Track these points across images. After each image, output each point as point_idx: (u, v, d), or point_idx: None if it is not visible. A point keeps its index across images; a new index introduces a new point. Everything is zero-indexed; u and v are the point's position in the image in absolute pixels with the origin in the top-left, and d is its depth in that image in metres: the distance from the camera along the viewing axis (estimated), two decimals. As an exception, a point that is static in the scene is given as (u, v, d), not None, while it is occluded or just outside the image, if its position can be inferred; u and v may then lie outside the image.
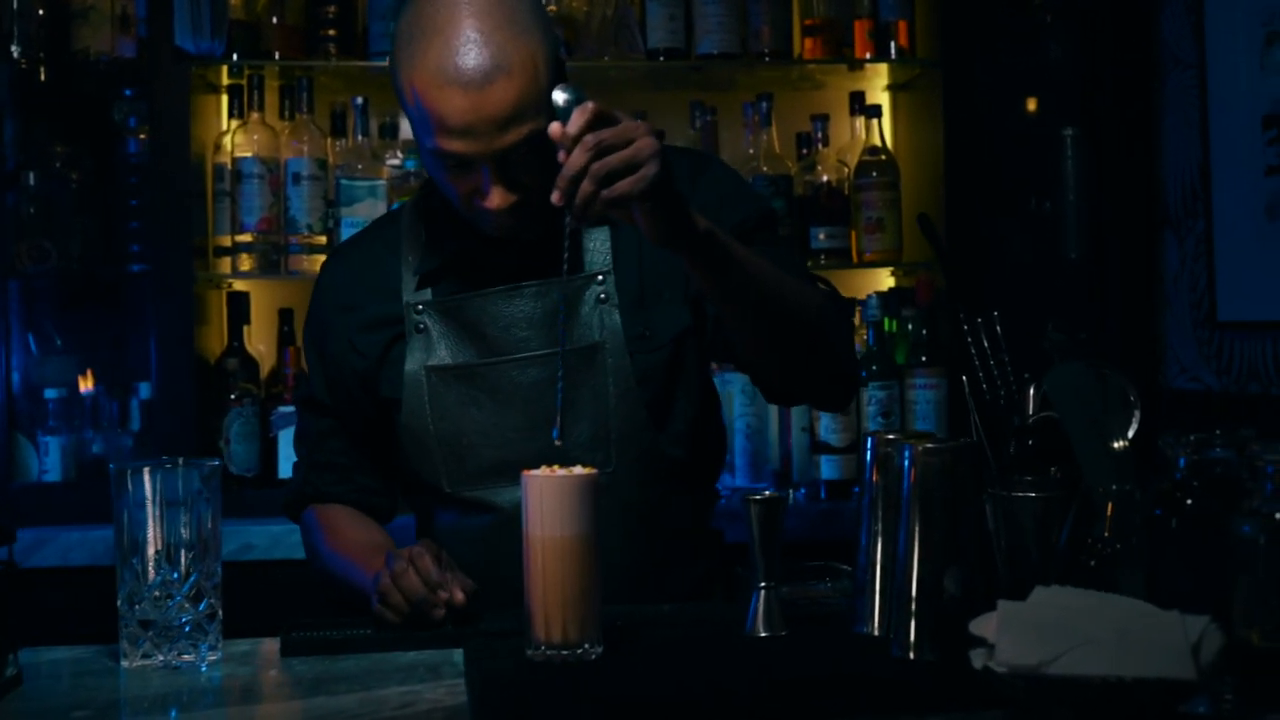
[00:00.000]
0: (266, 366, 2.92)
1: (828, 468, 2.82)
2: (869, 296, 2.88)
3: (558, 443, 1.44)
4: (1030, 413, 1.57)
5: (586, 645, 1.41)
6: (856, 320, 2.97)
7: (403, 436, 1.79)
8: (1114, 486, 1.31)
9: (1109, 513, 1.32)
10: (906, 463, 1.42)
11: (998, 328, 1.53)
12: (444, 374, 1.76)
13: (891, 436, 1.52)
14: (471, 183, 1.66)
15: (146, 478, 1.47)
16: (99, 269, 2.81)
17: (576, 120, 1.43)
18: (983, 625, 1.17)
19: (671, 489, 1.78)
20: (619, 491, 1.73)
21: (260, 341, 2.95)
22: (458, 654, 1.48)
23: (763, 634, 1.50)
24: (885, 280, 3.10)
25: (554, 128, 1.45)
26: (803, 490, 2.87)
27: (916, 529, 1.40)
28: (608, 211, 1.46)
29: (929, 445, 1.41)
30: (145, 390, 2.77)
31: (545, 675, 1.36)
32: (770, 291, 1.62)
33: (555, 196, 1.44)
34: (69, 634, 1.70)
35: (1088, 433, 1.42)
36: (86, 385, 2.77)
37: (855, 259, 3.01)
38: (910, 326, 2.89)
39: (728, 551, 1.89)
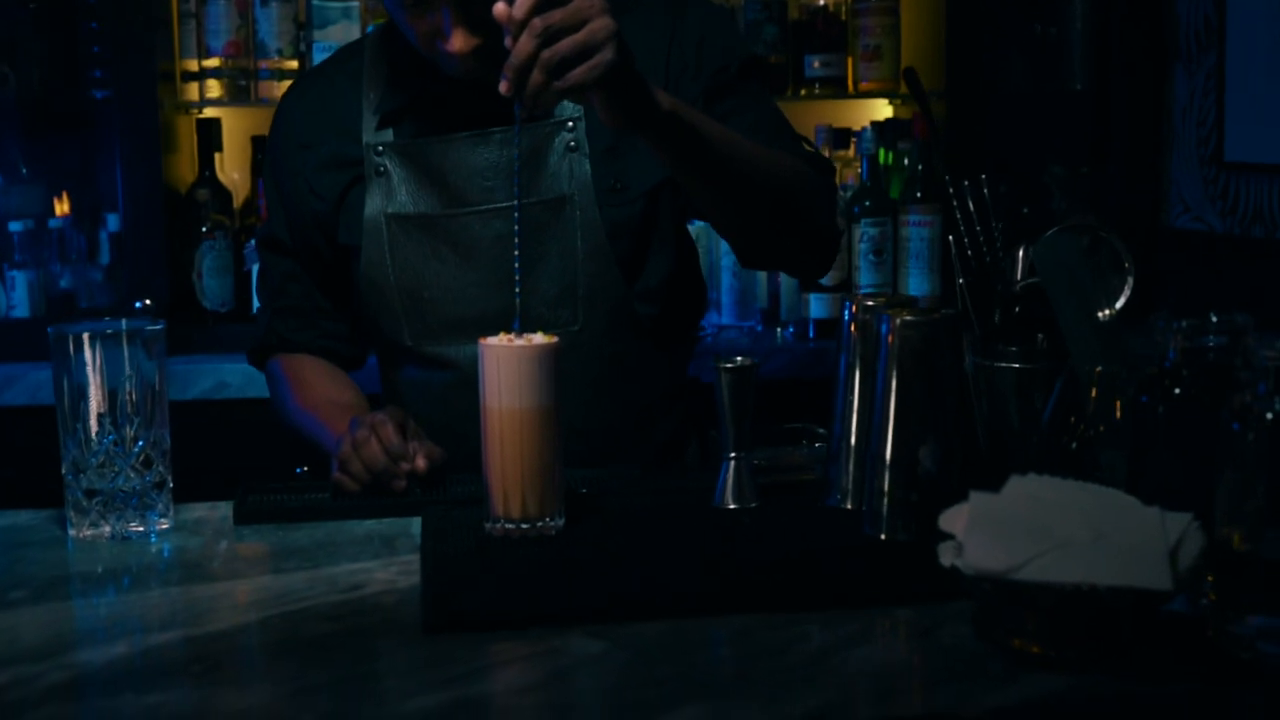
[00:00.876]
0: (240, 196, 2.83)
1: (816, 306, 2.75)
2: (864, 128, 2.77)
3: (516, 331, 1.36)
4: (1019, 278, 1.49)
5: (546, 519, 1.36)
6: (851, 152, 2.86)
7: (362, 285, 1.72)
8: (1100, 368, 1.25)
9: (1094, 395, 1.26)
10: (884, 333, 1.35)
11: (985, 190, 1.44)
12: (404, 222, 1.68)
13: (871, 302, 1.45)
14: (431, 24, 1.55)
15: (87, 341, 1.40)
16: (61, 95, 2.69)
17: (523, 2, 1.32)
18: (953, 519, 1.12)
19: (642, 347, 1.72)
20: (586, 351, 1.66)
21: (233, 170, 2.85)
22: (416, 524, 1.43)
23: (731, 506, 1.45)
24: (882, 110, 2.98)
25: (499, 9, 1.33)
26: (790, 329, 2.81)
27: (893, 404, 1.34)
28: (562, 101, 1.36)
29: (908, 316, 1.34)
30: (114, 222, 2.68)
31: (501, 553, 1.31)
32: (741, 168, 1.53)
33: (503, 86, 1.33)
34: (39, 473, 1.66)
35: (1074, 307, 1.35)
36: (56, 215, 2.68)
37: (851, 88, 2.89)
38: (906, 160, 2.79)
39: (705, 391, 1.82)
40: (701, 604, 1.17)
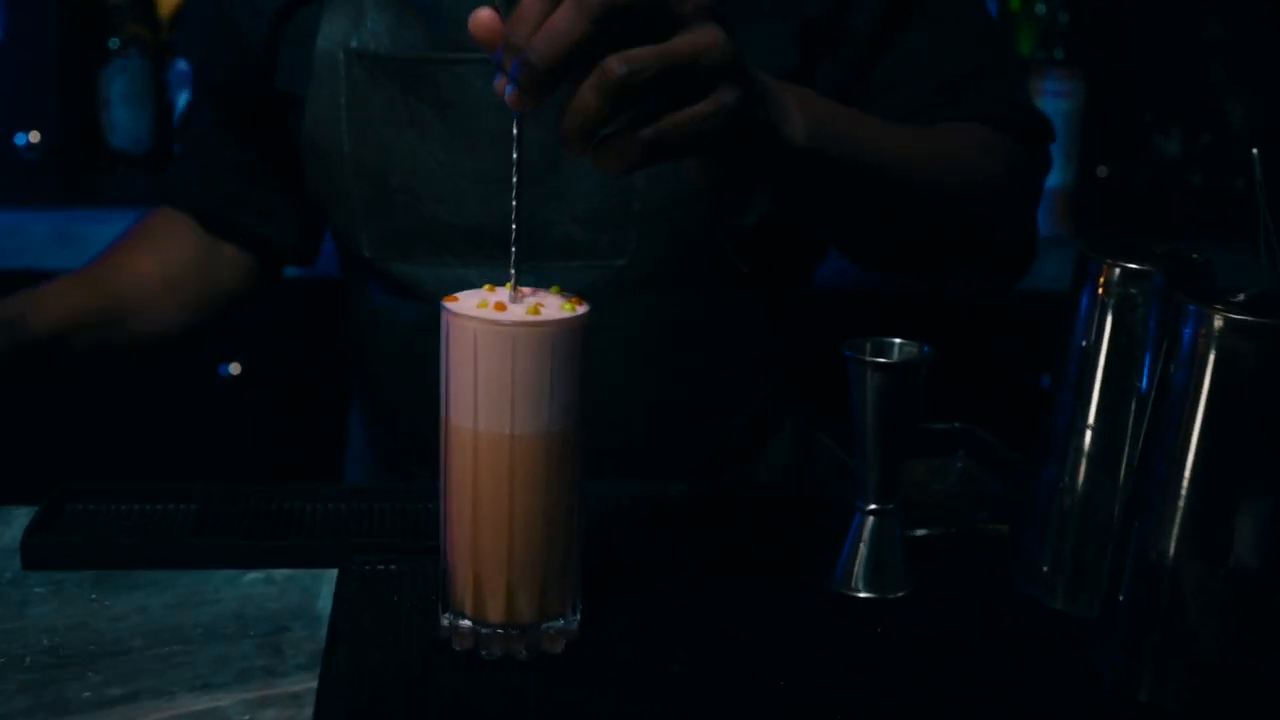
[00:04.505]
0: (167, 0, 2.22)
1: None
2: (990, -38, 2.13)
3: (511, 285, 0.75)
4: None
5: (549, 623, 0.77)
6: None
7: (307, 156, 1.13)
8: None
9: None
10: (1189, 336, 0.74)
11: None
12: (372, 65, 1.08)
13: (1134, 266, 0.84)
14: None
15: None
16: None
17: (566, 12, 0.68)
18: None
19: (717, 301, 1.12)
20: (636, 295, 1.08)
21: (159, -35, 2.25)
22: (324, 590, 0.85)
23: (861, 594, 0.86)
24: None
25: (479, 17, 0.70)
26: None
27: (1191, 454, 0.74)
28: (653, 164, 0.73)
29: (1236, 315, 0.72)
30: (-8, 33, 2.10)
31: (465, 694, 0.72)
32: (905, 197, 0.94)
33: (569, 146, 0.70)
34: None
35: None
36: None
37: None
38: (1042, 7, 2.16)
39: (801, 347, 1.22)
40: None
